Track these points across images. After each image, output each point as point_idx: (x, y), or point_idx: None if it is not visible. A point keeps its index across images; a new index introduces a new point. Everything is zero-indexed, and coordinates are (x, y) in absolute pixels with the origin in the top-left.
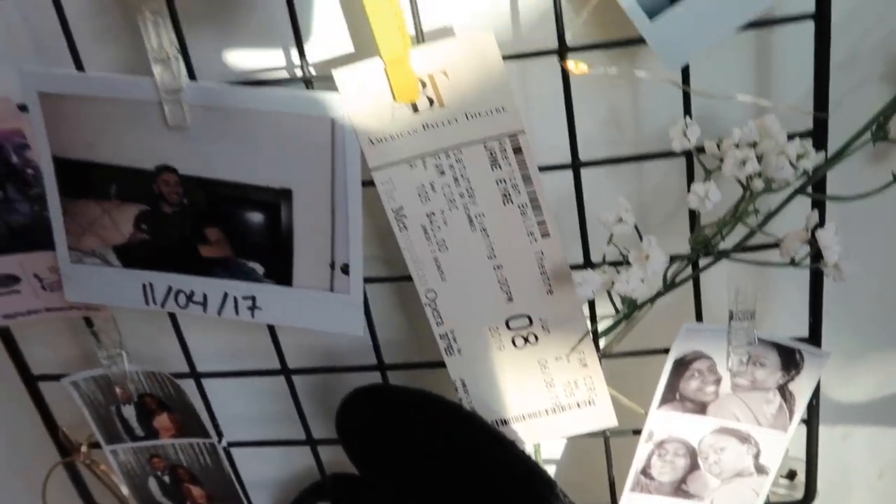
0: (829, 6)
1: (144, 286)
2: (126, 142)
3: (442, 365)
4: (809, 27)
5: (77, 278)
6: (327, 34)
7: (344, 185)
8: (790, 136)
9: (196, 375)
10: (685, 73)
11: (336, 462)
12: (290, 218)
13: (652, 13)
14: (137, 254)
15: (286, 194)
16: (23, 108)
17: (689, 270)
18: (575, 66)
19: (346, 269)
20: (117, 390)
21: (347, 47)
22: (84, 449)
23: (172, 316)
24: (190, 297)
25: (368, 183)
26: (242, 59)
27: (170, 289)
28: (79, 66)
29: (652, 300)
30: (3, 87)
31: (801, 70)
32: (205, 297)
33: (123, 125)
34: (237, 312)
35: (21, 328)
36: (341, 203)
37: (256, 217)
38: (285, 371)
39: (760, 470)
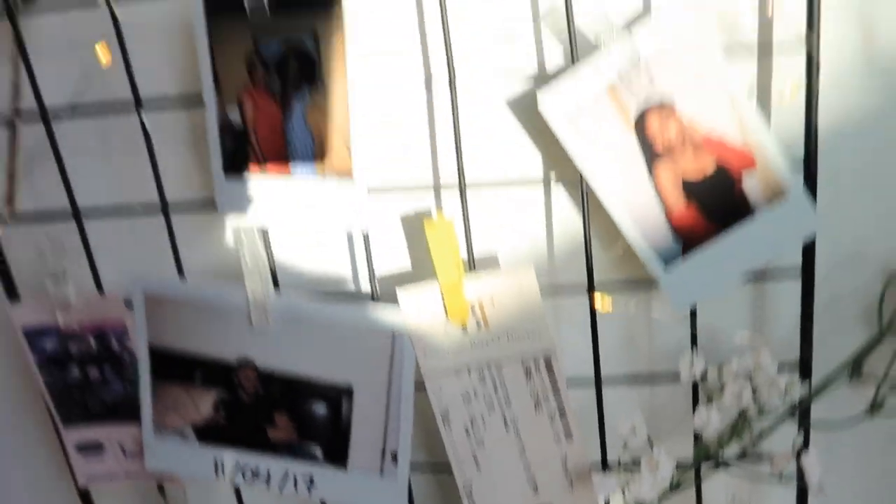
0: (813, 264)
1: (216, 461)
2: (214, 337)
3: None
4: (798, 279)
5: (157, 450)
6: (392, 253)
7: (399, 387)
8: (780, 367)
9: None
10: (693, 312)
11: None
12: (351, 410)
13: (666, 262)
14: (212, 432)
15: (348, 390)
16: (128, 304)
17: (691, 476)
18: (601, 303)
19: (395, 457)
20: None
21: (406, 264)
22: None
23: (237, 488)
24: (255, 473)
25: (420, 385)
26: (321, 273)
27: (238, 464)
28: (180, 269)
29: (659, 500)
30: (112, 283)
31: (791, 311)
32: (268, 473)
33: (213, 323)
34: (296, 489)
35: (100, 490)
36: (395, 401)
37: (321, 408)
38: None
39: None
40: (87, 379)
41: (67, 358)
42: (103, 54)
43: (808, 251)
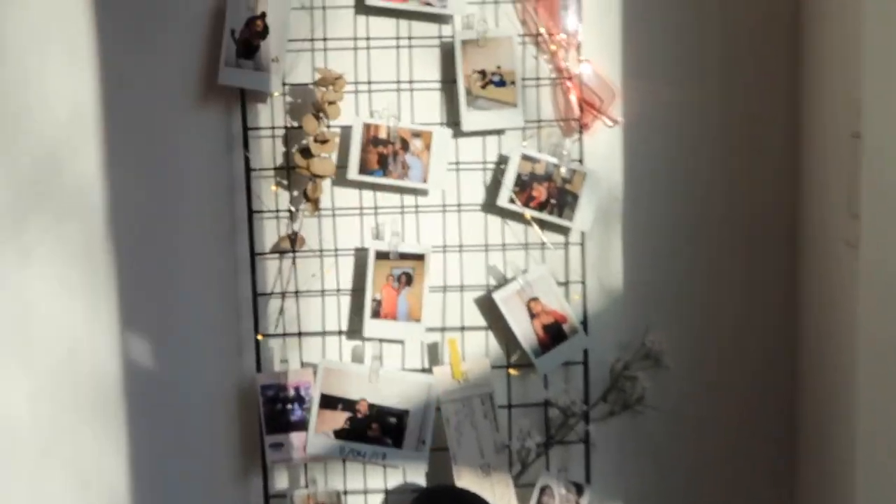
0: (587, 358)
1: (341, 447)
2: (349, 386)
3: None
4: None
5: (314, 443)
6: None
7: (429, 408)
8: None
9: None
10: (545, 375)
11: None
12: (406, 421)
13: (536, 355)
14: (342, 433)
15: (406, 411)
16: (314, 372)
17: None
18: (514, 371)
19: (423, 442)
20: None
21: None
22: None
23: (343, 460)
24: (358, 453)
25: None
26: (404, 360)
27: (351, 448)
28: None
29: None
30: (295, 359)
31: (579, 376)
32: (364, 453)
33: (348, 379)
34: (376, 460)
35: (277, 468)
36: (427, 415)
37: (393, 420)
38: None
39: None
40: (284, 408)
41: (277, 398)
42: None
43: (585, 353)
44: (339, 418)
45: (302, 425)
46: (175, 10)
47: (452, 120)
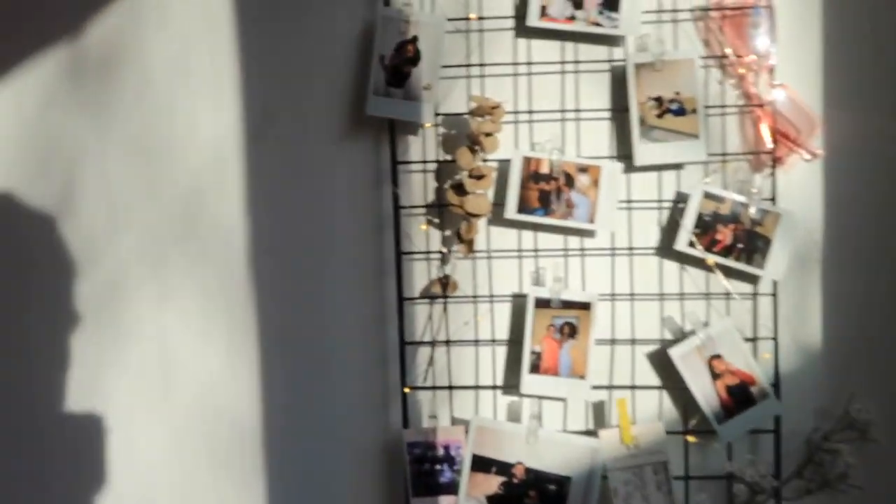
0: (780, 427)
1: None
2: (504, 448)
3: None
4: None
5: None
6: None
7: (594, 475)
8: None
9: None
10: (729, 444)
11: None
12: (568, 488)
13: (719, 421)
14: (494, 499)
15: (568, 478)
16: (466, 430)
17: None
18: (691, 438)
19: None
20: None
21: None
22: None
23: None
24: None
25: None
26: (566, 422)
27: None
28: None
29: None
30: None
31: (769, 447)
32: None
33: (504, 440)
34: None
35: None
36: (592, 481)
37: (554, 487)
38: None
39: None
40: (432, 468)
41: (424, 457)
42: None
43: (777, 420)
44: (493, 483)
45: (451, 488)
46: (320, 38)
47: (623, 153)
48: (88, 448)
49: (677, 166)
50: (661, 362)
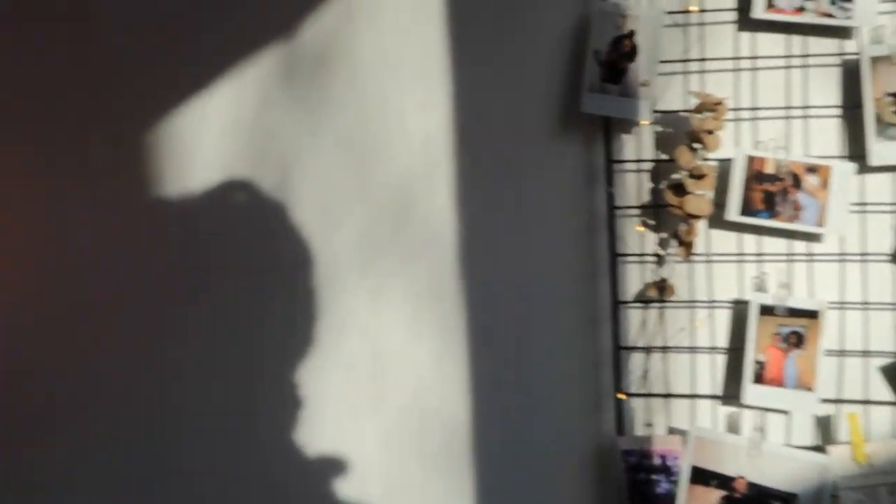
0: None
1: None
2: (725, 461)
3: None
4: None
5: None
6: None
7: (822, 496)
8: None
9: None
10: None
11: None
12: None
13: None
14: None
15: (794, 495)
16: (683, 440)
17: None
18: None
19: None
20: None
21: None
22: None
23: None
24: None
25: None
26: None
27: None
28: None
29: None
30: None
31: None
32: None
33: (724, 453)
34: None
35: None
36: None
37: None
38: None
39: None
40: (648, 478)
41: (640, 466)
42: None
43: None
44: (712, 497)
45: (668, 500)
46: (533, 33)
47: (856, 152)
48: (301, 442)
49: None
50: None
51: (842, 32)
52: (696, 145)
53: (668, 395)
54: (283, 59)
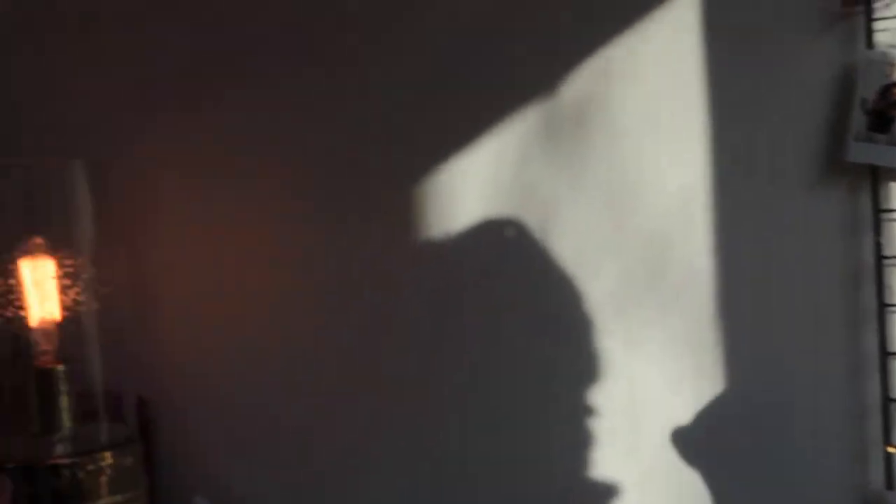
0: None
1: None
2: None
3: None
4: None
5: None
6: None
7: None
8: None
9: None
10: None
11: None
12: None
13: None
14: None
15: None
16: None
17: None
18: None
19: None
20: None
21: None
22: None
23: None
24: None
25: None
26: None
27: None
28: None
29: None
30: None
31: None
32: None
33: None
34: None
35: None
36: None
37: None
38: None
39: None
40: None
41: None
42: None
43: None
44: None
45: None
46: (794, 80)
47: None
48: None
49: None
50: None
51: None
52: None
53: None
54: (542, 118)
